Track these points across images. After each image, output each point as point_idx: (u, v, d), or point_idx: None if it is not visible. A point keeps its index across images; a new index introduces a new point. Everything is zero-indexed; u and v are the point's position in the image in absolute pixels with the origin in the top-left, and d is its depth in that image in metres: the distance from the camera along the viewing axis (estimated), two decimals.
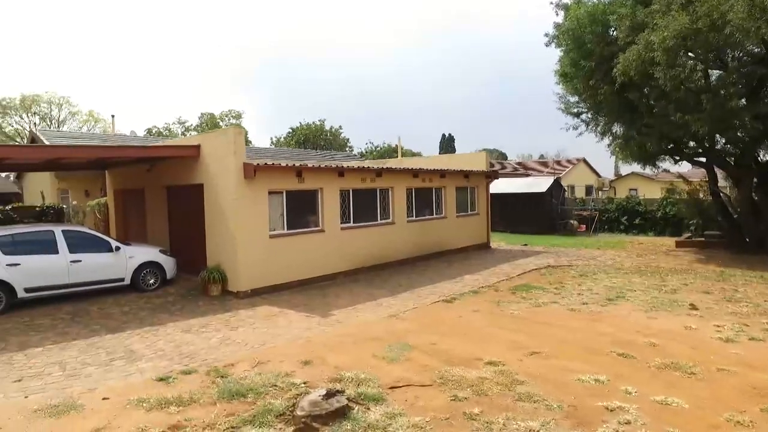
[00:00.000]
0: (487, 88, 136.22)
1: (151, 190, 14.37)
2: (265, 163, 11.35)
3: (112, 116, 33.91)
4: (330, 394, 4.92)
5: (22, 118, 45.92)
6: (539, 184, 25.92)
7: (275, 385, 5.71)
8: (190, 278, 12.67)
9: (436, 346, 7.29)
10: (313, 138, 52.17)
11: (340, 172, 13.05)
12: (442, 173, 16.92)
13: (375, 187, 14.43)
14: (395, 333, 8.08)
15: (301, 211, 12.44)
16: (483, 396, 5.44)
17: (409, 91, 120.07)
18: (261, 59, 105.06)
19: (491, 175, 19.85)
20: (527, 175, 38.06)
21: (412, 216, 15.98)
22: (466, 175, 18.10)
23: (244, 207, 10.91)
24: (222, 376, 6.11)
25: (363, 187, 13.97)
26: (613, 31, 15.97)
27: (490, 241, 19.78)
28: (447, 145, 70.42)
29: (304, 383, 5.80)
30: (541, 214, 24.59)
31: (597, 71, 16.10)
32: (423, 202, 16.56)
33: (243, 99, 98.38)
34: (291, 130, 53.24)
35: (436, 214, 17.17)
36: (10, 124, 45.74)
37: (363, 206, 14.09)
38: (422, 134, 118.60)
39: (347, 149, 53.16)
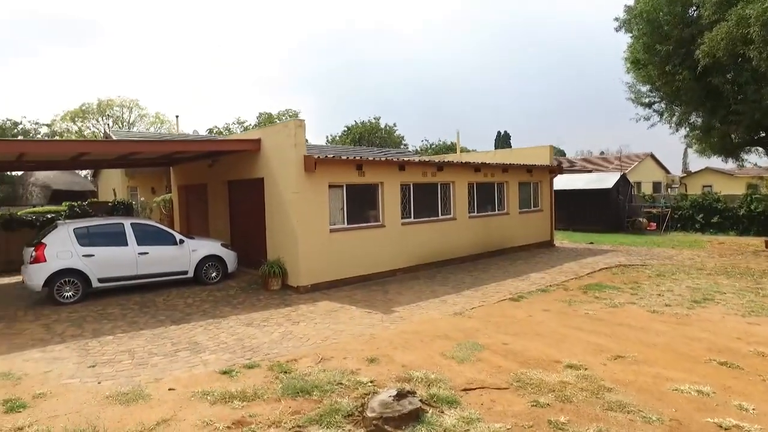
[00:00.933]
0: (543, 85, 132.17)
1: (213, 185, 14.61)
2: (326, 156, 11.19)
3: (177, 117, 35.31)
4: (401, 395, 4.58)
5: (98, 121, 48.68)
6: (605, 179, 24.54)
7: (341, 383, 5.44)
8: (250, 272, 12.75)
9: (509, 347, 6.81)
10: (368, 136, 52.27)
11: (401, 165, 12.73)
12: (505, 168, 16.25)
13: (436, 182, 14.00)
14: (463, 331, 7.65)
15: (361, 205, 12.22)
16: (567, 403, 4.93)
17: (463, 90, 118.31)
18: (316, 59, 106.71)
19: (555, 170, 18.93)
20: (589, 171, 36.37)
21: (474, 212, 15.43)
22: (529, 169, 17.33)
23: (305, 201, 10.79)
24: (285, 372, 5.91)
25: (424, 181, 13.58)
26: (695, 10, 14.73)
27: (553, 239, 18.88)
28: (503, 143, 68.59)
29: (371, 382, 5.50)
30: (607, 212, 23.28)
31: (674, 55, 14.95)
32: (485, 198, 15.97)
33: (298, 99, 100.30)
34: (346, 129, 53.56)
35: (498, 210, 16.53)
36: (87, 128, 48.58)
37: (424, 201, 13.71)
38: (477, 132, 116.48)
39: (402, 147, 52.89)
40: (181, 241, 11.28)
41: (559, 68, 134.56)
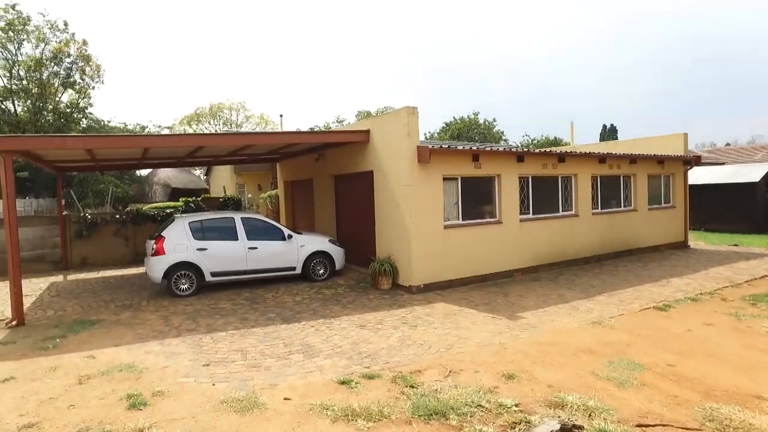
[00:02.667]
0: (651, 76, 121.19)
1: (319, 180, 14.40)
2: (440, 146, 10.37)
3: (281, 116, 36.49)
4: (566, 430, 3.63)
5: (210, 124, 52.01)
6: (748, 172, 21.23)
7: (480, 405, 4.58)
8: (358, 270, 12.30)
9: (677, 369, 5.54)
10: (467, 132, 50.82)
11: (520, 156, 11.57)
12: (633, 158, 14.40)
13: (557, 174, 12.65)
14: (609, 345, 6.46)
15: (476, 199, 11.27)
16: None
17: (565, 84, 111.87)
18: (413, 56, 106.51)
19: (691, 161, 16.53)
20: (722, 164, 32.15)
21: (598, 208, 13.82)
22: (661, 160, 15.26)
23: (418, 194, 10.06)
24: (411, 386, 5.17)
25: (544, 174, 12.30)
26: None
27: (688, 239, 16.54)
28: (609, 137, 63.61)
29: (516, 406, 4.58)
30: (752, 210, 20.12)
31: None
32: (610, 192, 14.28)
33: (396, 97, 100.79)
34: (445, 125, 52.49)
35: (624, 206, 14.73)
36: (201, 130, 52.10)
37: (543, 196, 12.44)
38: (579, 127, 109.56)
39: (502, 142, 50.77)
40: (290, 237, 11.06)
41: (669, 57, 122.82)
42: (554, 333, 7.13)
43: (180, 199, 18.50)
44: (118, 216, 15.12)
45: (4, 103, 26.49)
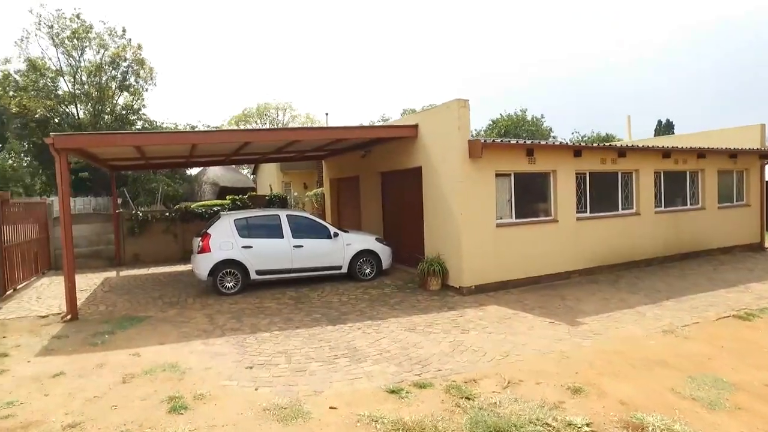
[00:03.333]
0: (705, 70, 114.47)
1: (366, 177, 14.12)
2: (493, 140, 9.85)
3: (326, 114, 36.70)
4: None
5: (257, 123, 52.98)
6: None
7: (547, 424, 4.11)
8: (405, 269, 11.93)
9: None
10: (514, 129, 49.55)
11: (577, 151, 10.86)
12: (701, 152, 13.33)
13: (616, 170, 11.84)
14: (687, 358, 5.81)
15: (530, 196, 10.67)
16: None
17: (615, 80, 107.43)
18: (458, 54, 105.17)
19: None
20: None
21: (661, 206, 12.88)
22: (733, 154, 14.08)
23: (469, 191, 9.58)
24: (467, 397, 4.74)
25: (602, 169, 11.53)
26: None
27: (765, 241, 15.23)
28: (664, 132, 60.39)
29: (587, 425, 4.08)
30: None
31: None
32: (674, 189, 13.29)
33: (440, 95, 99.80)
34: (491, 122, 51.39)
35: (690, 204, 13.68)
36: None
37: (601, 193, 11.67)
38: (633, 122, 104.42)
39: (551, 139, 49.18)
40: (336, 235, 10.81)
41: (726, 46, 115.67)
42: (620, 341, 6.52)
43: (227, 197, 18.70)
44: (167, 214, 15.38)
45: (69, 107, 27.72)
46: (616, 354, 6.00)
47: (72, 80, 27.29)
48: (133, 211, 15.40)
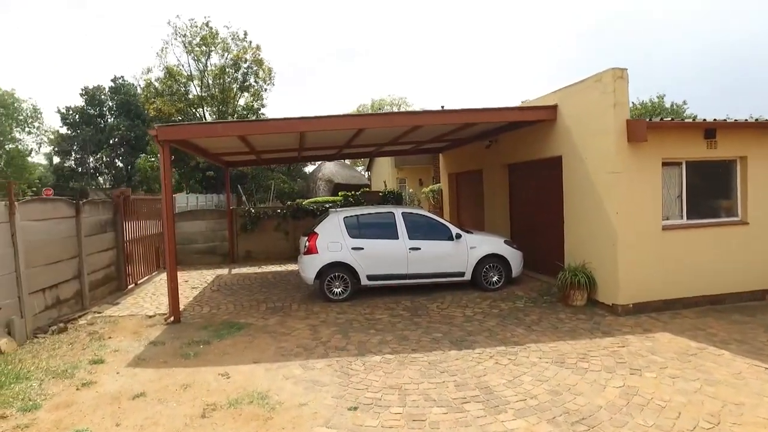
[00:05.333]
0: None
1: (490, 170, 12.37)
2: (662, 119, 7.67)
3: (442, 107, 35.14)
4: None
5: None
6: None
7: None
8: (538, 277, 10.07)
9: None
10: (650, 118, 43.96)
11: None
12: None
13: None
14: None
15: (708, 191, 8.28)
16: None
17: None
18: (577, 42, 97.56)
19: None
20: None
21: None
22: None
23: (627, 185, 7.52)
24: None
25: None
26: None
27: None
28: None
29: None
30: None
31: None
32: None
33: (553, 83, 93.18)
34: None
35: None
36: None
37: None
38: None
39: None
40: (458, 236, 9.26)
41: None
42: None
43: (339, 194, 17.99)
44: (279, 210, 14.93)
45: (197, 109, 29.35)
46: None
47: (200, 84, 28.81)
48: (246, 208, 15.20)
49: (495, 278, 9.43)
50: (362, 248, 8.88)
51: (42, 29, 77.40)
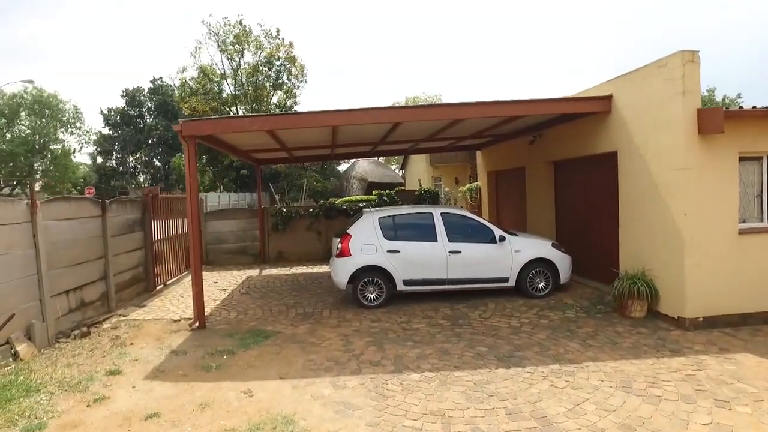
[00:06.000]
0: None
1: (534, 168, 11.56)
2: (740, 107, 6.76)
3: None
4: None
5: None
6: None
7: None
8: (587, 284, 9.28)
9: None
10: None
11: None
12: None
13: None
14: None
15: None
16: None
17: None
18: (617, 33, 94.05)
19: None
20: None
21: None
22: None
23: (697, 183, 6.66)
24: None
25: None
26: None
27: None
28: None
29: None
30: None
31: None
32: None
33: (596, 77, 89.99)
34: None
35: None
36: None
37: None
38: None
39: None
40: (502, 239, 8.53)
41: None
42: None
43: (373, 192, 17.41)
44: (311, 210, 14.46)
45: (231, 108, 29.34)
46: None
47: (233, 82, 28.78)
48: (278, 206, 14.81)
49: (541, 284, 8.66)
50: (398, 251, 8.27)
51: (86, 32, 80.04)
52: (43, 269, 6.54)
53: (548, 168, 10.96)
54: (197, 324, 7.47)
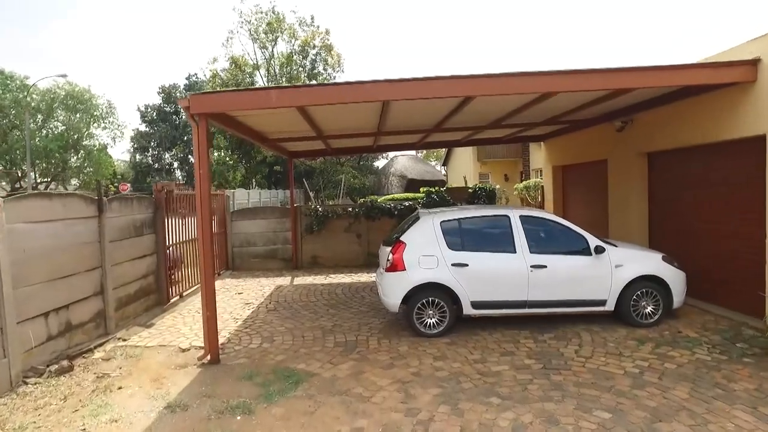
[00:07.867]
0: None
1: (619, 161, 9.49)
2: None
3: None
4: None
5: None
6: None
7: None
8: (703, 307, 7.27)
9: None
10: None
11: None
12: None
13: None
14: None
15: None
16: None
17: None
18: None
19: None
20: None
21: None
22: None
23: None
24: None
25: None
26: None
27: None
28: None
29: None
30: None
31: None
32: None
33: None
34: None
35: None
36: None
37: None
38: None
39: None
40: (599, 250, 6.55)
41: None
42: None
43: (420, 190, 15.53)
44: (350, 209, 12.70)
45: None
46: None
47: (266, 73, 27.41)
48: (312, 205, 13.15)
49: (649, 309, 6.64)
50: (466, 264, 6.40)
51: (123, 29, 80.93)
52: (5, 288, 4.96)
53: (639, 161, 8.92)
54: (208, 357, 5.82)
